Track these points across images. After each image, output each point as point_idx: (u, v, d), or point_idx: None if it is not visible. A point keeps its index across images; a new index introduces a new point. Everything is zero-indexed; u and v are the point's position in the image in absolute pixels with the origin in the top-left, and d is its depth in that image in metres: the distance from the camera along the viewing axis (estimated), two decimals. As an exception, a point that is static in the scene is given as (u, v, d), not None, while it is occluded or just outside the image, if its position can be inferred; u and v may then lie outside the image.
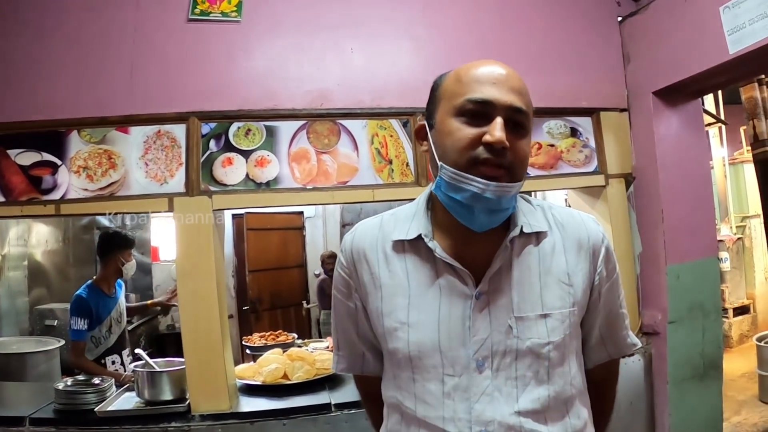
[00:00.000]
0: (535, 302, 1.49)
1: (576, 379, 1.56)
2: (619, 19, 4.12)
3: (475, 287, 1.48)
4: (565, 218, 1.61)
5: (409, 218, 1.60)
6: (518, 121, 1.44)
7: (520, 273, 1.51)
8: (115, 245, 4.76)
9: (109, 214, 3.60)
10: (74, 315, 4.36)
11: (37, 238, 6.43)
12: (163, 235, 8.08)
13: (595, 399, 1.65)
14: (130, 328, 7.24)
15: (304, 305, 8.80)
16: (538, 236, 1.55)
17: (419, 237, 1.54)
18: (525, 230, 1.52)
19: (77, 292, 4.51)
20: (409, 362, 1.51)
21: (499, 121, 1.39)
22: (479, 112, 1.42)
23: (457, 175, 1.41)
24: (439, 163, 1.46)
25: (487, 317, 1.47)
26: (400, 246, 1.58)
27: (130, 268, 4.83)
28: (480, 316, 1.47)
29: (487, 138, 1.38)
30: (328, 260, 7.91)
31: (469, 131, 1.41)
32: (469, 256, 1.50)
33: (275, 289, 8.44)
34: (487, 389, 1.44)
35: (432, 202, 1.61)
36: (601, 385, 1.71)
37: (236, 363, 3.86)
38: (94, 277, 4.72)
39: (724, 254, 8.80)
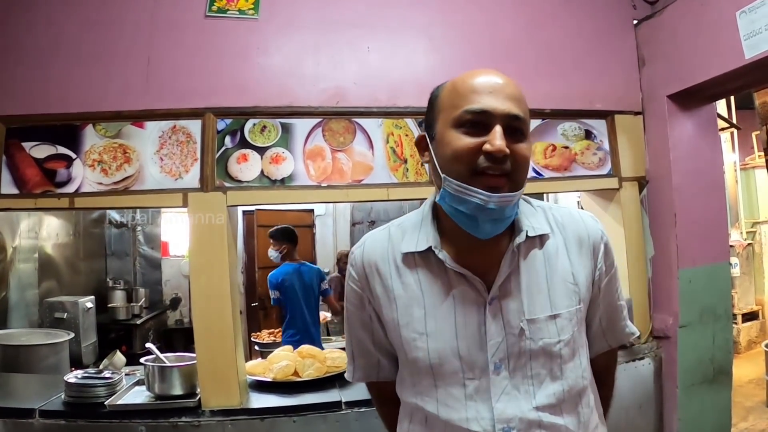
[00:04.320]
0: (544, 304, 1.54)
1: (586, 370, 1.62)
2: (635, 22, 4.12)
3: (487, 293, 1.52)
4: (565, 218, 1.65)
5: (416, 229, 1.63)
6: (516, 128, 1.46)
7: (528, 276, 1.56)
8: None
9: (121, 209, 3.59)
10: None
11: (48, 231, 6.45)
12: (173, 230, 8.09)
13: (597, 386, 1.71)
14: (138, 323, 7.31)
15: (313, 303, 8.77)
16: (541, 239, 1.59)
17: (429, 248, 1.57)
18: (529, 234, 1.56)
19: None
20: (430, 370, 1.55)
21: (498, 129, 1.42)
22: (478, 121, 1.44)
23: (460, 186, 1.44)
24: (442, 175, 1.49)
25: (500, 321, 1.52)
26: (411, 258, 1.61)
27: None
28: (494, 321, 1.51)
29: (487, 147, 1.41)
30: (345, 259, 7.88)
31: (468, 141, 1.44)
32: (477, 262, 1.54)
33: (285, 286, 8.44)
34: (506, 388, 1.50)
35: (436, 211, 1.63)
36: (602, 373, 1.76)
37: (245, 359, 3.86)
38: None
39: (733, 260, 8.75)
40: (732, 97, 8.32)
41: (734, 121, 8.30)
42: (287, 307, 5.93)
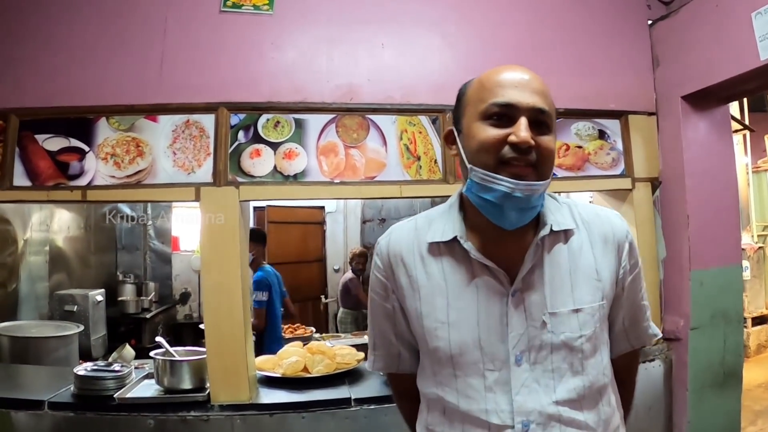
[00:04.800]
0: (566, 298, 1.55)
1: (607, 368, 1.63)
2: (650, 22, 4.09)
3: (510, 285, 1.54)
4: (590, 215, 1.66)
5: (443, 220, 1.65)
6: (541, 121, 1.49)
7: (551, 270, 1.57)
8: None
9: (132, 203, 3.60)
10: None
11: (59, 224, 6.47)
12: (183, 225, 8.11)
13: (618, 387, 1.70)
14: (148, 317, 7.33)
15: (323, 300, 8.81)
16: (566, 234, 1.61)
17: (454, 239, 1.59)
18: (554, 228, 1.58)
19: None
20: (450, 359, 1.57)
21: (523, 121, 1.45)
22: (504, 114, 1.48)
23: (486, 175, 1.47)
24: (469, 166, 1.53)
25: (522, 313, 1.53)
26: (436, 248, 1.63)
27: None
28: (516, 313, 1.53)
29: (512, 138, 1.44)
30: (359, 258, 7.87)
31: (495, 132, 1.47)
32: (501, 254, 1.55)
33: (294, 282, 8.41)
34: (526, 381, 1.51)
35: (463, 203, 1.65)
36: (623, 373, 1.76)
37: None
38: None
39: (744, 263, 8.71)
40: (745, 99, 8.30)
41: (747, 122, 8.28)
42: (269, 310, 5.82)
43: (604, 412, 1.58)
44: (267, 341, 5.52)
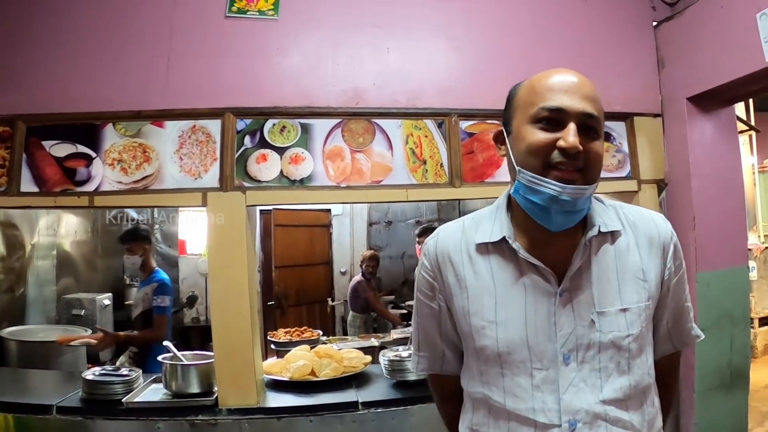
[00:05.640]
0: (614, 298, 1.56)
1: (652, 368, 1.63)
2: (654, 23, 4.09)
3: (557, 285, 1.55)
4: (636, 217, 1.67)
5: (491, 221, 1.67)
6: (590, 126, 1.50)
7: (598, 270, 1.58)
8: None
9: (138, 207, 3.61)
10: None
11: (67, 228, 6.50)
12: (190, 228, 8.11)
13: (659, 389, 1.70)
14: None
15: (329, 302, 8.79)
16: (613, 235, 1.62)
17: (502, 239, 1.60)
18: (602, 230, 1.59)
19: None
20: (498, 358, 1.58)
21: (572, 126, 1.46)
22: (553, 119, 1.49)
23: (534, 178, 1.49)
24: (517, 168, 1.54)
25: (570, 313, 1.54)
26: (484, 248, 1.65)
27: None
28: (564, 312, 1.54)
29: (561, 143, 1.46)
30: (369, 261, 7.84)
31: (544, 136, 1.48)
32: (548, 255, 1.57)
33: (301, 285, 8.44)
34: (573, 380, 1.52)
35: (510, 204, 1.67)
36: (665, 375, 1.75)
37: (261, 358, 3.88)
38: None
39: (751, 263, 8.67)
40: (751, 100, 8.28)
41: (753, 123, 8.25)
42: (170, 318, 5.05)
43: (649, 413, 1.59)
44: (155, 354, 4.24)
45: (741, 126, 5.92)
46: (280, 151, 3.52)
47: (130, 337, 4.88)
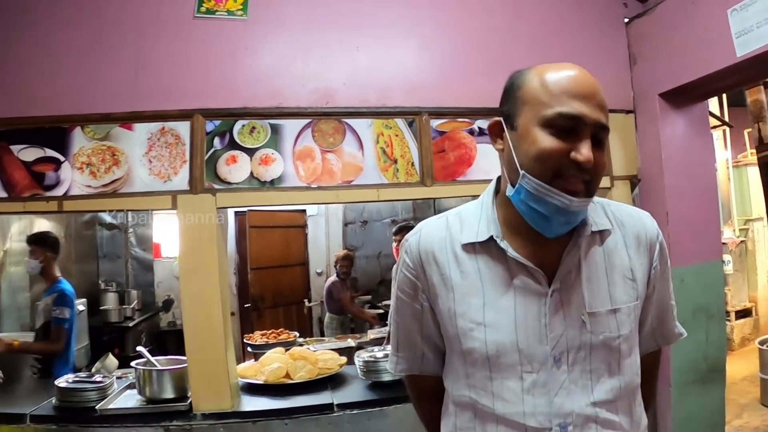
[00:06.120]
0: (604, 298, 1.54)
1: (639, 368, 1.62)
2: (626, 20, 4.11)
3: (548, 285, 1.52)
4: (623, 215, 1.66)
5: (476, 218, 1.62)
6: (600, 137, 1.45)
7: (588, 270, 1.55)
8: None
9: (111, 211, 3.56)
10: None
11: (40, 233, 6.42)
12: (165, 231, 8.08)
13: (641, 386, 1.68)
14: (131, 325, 7.29)
15: (306, 304, 8.77)
16: (602, 234, 1.59)
17: (490, 238, 1.56)
18: (593, 229, 1.56)
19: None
20: (486, 361, 1.53)
21: (587, 138, 1.41)
22: (568, 126, 1.42)
23: (541, 187, 1.43)
24: (521, 171, 1.46)
25: (561, 314, 1.51)
26: (470, 247, 1.59)
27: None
28: (555, 314, 1.51)
29: (576, 156, 1.40)
30: (343, 261, 7.82)
31: (557, 145, 1.41)
32: (538, 254, 1.53)
33: (277, 287, 8.42)
34: (564, 383, 1.49)
35: (497, 201, 1.63)
36: (646, 372, 1.72)
37: (238, 361, 3.86)
38: None
39: (726, 257, 8.74)
40: (724, 95, 8.34)
41: (727, 118, 8.32)
42: (71, 330, 4.82)
43: (636, 413, 1.59)
44: (58, 365, 4.60)
45: (714, 121, 5.95)
46: (250, 152, 3.49)
47: (26, 346, 4.70)
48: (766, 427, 5.89)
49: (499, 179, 1.66)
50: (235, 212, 8.09)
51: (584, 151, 1.39)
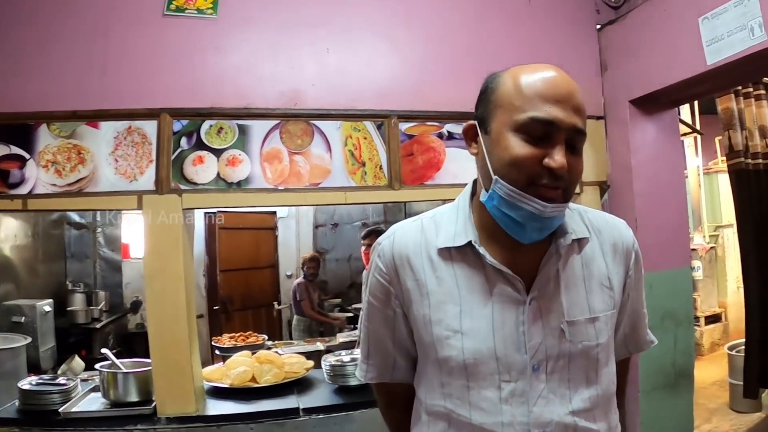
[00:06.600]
0: (582, 306, 1.52)
1: (615, 376, 1.61)
2: (598, 27, 4.12)
3: (526, 293, 1.49)
4: (600, 223, 1.64)
5: (452, 223, 1.58)
6: (576, 142, 1.41)
7: (566, 278, 1.53)
8: None
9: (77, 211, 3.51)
10: None
11: (6, 232, 6.33)
12: (134, 232, 8.00)
13: None
14: (98, 326, 7.21)
15: (276, 306, 8.75)
16: (580, 242, 1.57)
17: (467, 243, 1.52)
18: (572, 237, 1.53)
19: None
20: (463, 370, 1.50)
21: (562, 144, 1.37)
22: (541, 131, 1.38)
23: (514, 193, 1.39)
24: (494, 177, 1.43)
25: (539, 322, 1.48)
26: (447, 252, 1.55)
27: None
28: (533, 322, 1.48)
29: (549, 163, 1.36)
30: (310, 263, 7.82)
31: (529, 151, 1.38)
32: (515, 261, 1.50)
33: (246, 289, 8.40)
34: (543, 392, 1.47)
35: (473, 206, 1.60)
36: (618, 379, 1.70)
37: (206, 363, 3.83)
38: None
39: (696, 263, 8.85)
40: (696, 103, 8.41)
41: (698, 126, 8.40)
42: None
43: (612, 420, 1.57)
44: None
45: (685, 129, 5.99)
46: (217, 152, 3.45)
47: None
48: (735, 431, 5.94)
49: (475, 182, 1.61)
50: (205, 213, 8.04)
51: (557, 158, 1.35)
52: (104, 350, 3.62)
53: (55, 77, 3.36)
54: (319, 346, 5.78)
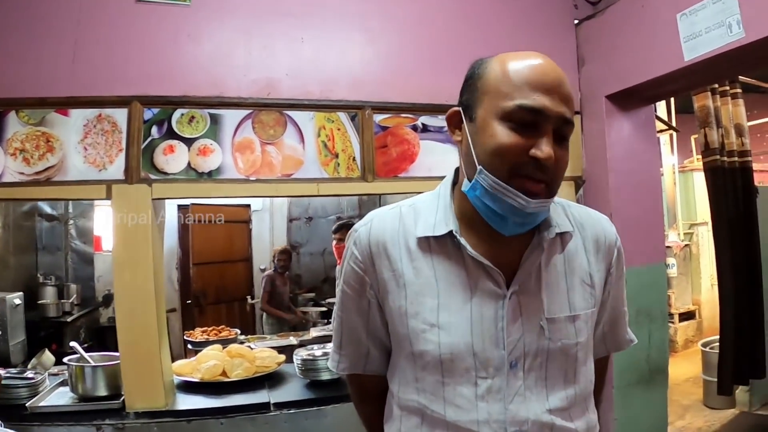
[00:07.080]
0: (563, 303, 1.50)
1: (593, 375, 1.59)
2: (576, 22, 4.11)
3: (506, 287, 1.45)
4: (583, 218, 1.61)
5: (432, 211, 1.53)
6: (564, 132, 1.38)
7: (548, 274, 1.50)
8: None
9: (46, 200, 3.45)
10: None
11: (-25, 223, 6.27)
12: (106, 224, 7.92)
13: None
14: (69, 320, 7.13)
15: (249, 300, 8.70)
16: (563, 237, 1.54)
17: (448, 233, 1.48)
18: (556, 231, 1.50)
19: None
20: (439, 365, 1.46)
21: (549, 134, 1.34)
22: (529, 120, 1.34)
23: (497, 185, 1.36)
24: (478, 167, 1.39)
25: (519, 318, 1.45)
26: (425, 242, 1.51)
27: None
28: (512, 317, 1.44)
29: (536, 153, 1.33)
30: (281, 255, 7.78)
31: (516, 140, 1.34)
32: (496, 253, 1.46)
33: (220, 282, 8.36)
34: (520, 390, 1.44)
35: (454, 195, 1.56)
36: (595, 378, 1.67)
37: (178, 358, 3.79)
38: None
39: (671, 260, 8.94)
40: (672, 101, 8.47)
41: (674, 124, 8.44)
42: None
43: (590, 420, 1.55)
44: None
45: (661, 125, 6.01)
46: (188, 142, 3.39)
47: None
48: (709, 427, 6.02)
49: (457, 170, 1.57)
50: (178, 205, 7.98)
51: (544, 148, 1.32)
52: (73, 344, 3.56)
53: (24, 63, 3.29)
54: (292, 340, 5.76)
